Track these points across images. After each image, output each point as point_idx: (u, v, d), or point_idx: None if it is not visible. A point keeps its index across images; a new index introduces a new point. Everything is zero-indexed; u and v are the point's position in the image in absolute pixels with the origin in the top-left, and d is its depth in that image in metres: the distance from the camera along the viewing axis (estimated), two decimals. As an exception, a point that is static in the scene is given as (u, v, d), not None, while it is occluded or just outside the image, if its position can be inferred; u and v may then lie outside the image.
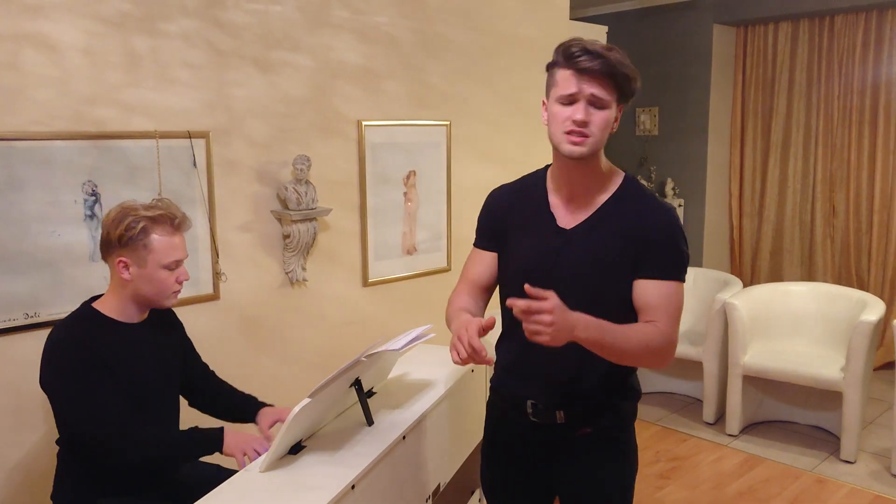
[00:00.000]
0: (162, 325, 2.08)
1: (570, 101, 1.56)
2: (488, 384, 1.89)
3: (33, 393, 2.33)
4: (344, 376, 1.71)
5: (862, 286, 5.23)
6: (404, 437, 1.82)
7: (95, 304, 1.96)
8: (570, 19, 4.23)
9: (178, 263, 1.95)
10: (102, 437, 1.83)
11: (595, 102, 1.56)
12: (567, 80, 1.56)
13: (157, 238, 1.89)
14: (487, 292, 1.85)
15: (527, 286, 1.44)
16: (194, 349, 2.24)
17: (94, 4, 2.40)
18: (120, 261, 1.90)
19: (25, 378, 2.33)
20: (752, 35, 5.69)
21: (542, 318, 1.41)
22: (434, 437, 2.01)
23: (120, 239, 1.88)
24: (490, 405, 1.89)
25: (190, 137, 2.65)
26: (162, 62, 2.57)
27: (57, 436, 1.98)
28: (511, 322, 1.75)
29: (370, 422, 1.84)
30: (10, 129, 2.26)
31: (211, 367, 2.29)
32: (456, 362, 1.55)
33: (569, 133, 1.56)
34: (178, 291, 2.00)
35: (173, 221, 1.93)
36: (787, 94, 5.56)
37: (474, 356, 1.53)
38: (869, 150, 5.21)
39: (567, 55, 1.57)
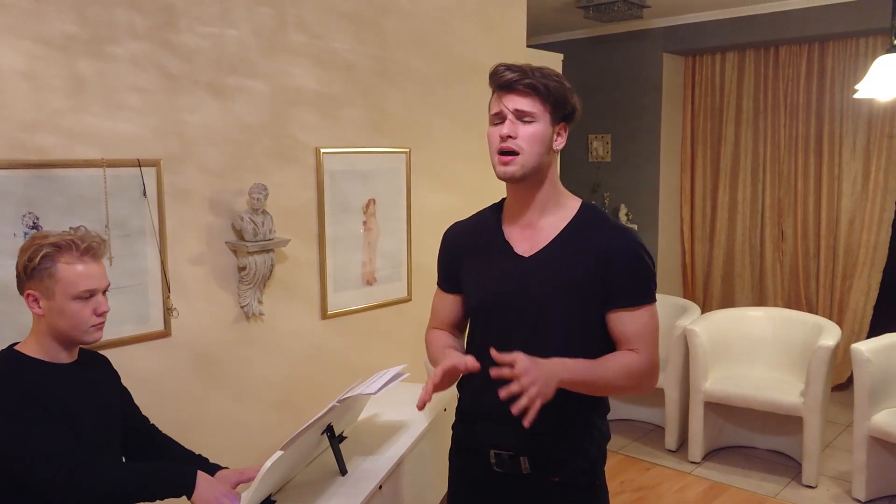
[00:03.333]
0: (96, 370, 1.90)
1: (498, 119, 1.56)
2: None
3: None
4: (317, 424, 1.59)
5: (811, 309, 5.33)
6: (380, 487, 1.71)
7: (17, 347, 1.79)
8: (527, 46, 4.22)
9: (91, 293, 1.76)
10: (54, 473, 1.64)
11: (522, 116, 1.54)
12: (494, 100, 1.57)
13: (63, 266, 1.72)
14: (462, 331, 1.79)
15: (493, 352, 1.39)
16: (133, 402, 2.05)
17: (36, 25, 2.25)
18: (29, 294, 1.74)
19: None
20: (701, 64, 5.81)
21: (523, 384, 1.36)
22: (410, 483, 1.90)
23: (25, 270, 1.72)
24: (452, 455, 1.79)
25: (140, 166, 2.50)
26: (109, 87, 2.43)
27: None
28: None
29: (343, 471, 1.73)
30: (-59, 157, 2.09)
31: (163, 411, 2.12)
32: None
33: (499, 153, 1.55)
34: (100, 325, 1.81)
35: (80, 247, 1.75)
36: (735, 122, 5.68)
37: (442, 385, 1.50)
38: (815, 177, 5.34)
39: (491, 75, 1.58)
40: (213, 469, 1.99)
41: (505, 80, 1.54)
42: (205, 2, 2.65)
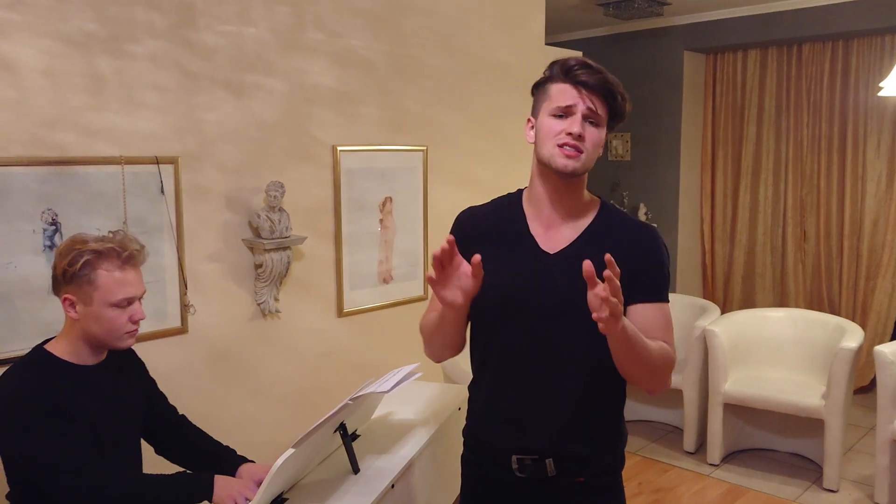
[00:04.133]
0: (121, 366, 1.91)
1: (566, 113, 1.51)
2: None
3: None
4: (329, 422, 1.59)
5: (833, 310, 5.25)
6: (393, 486, 1.70)
7: (48, 347, 1.80)
8: (546, 44, 4.20)
9: (129, 301, 1.77)
10: (75, 486, 1.66)
11: (590, 118, 1.51)
12: (564, 93, 1.52)
13: (103, 273, 1.72)
14: (464, 323, 1.72)
15: (586, 263, 1.31)
16: (158, 390, 2.07)
17: (56, 24, 2.27)
18: (66, 298, 1.74)
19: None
20: (722, 62, 5.75)
21: (611, 292, 1.30)
22: (423, 482, 1.89)
23: (64, 274, 1.72)
24: (465, 461, 1.73)
25: (157, 163, 2.52)
26: (128, 85, 2.44)
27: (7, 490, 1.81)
28: (485, 360, 1.64)
29: (356, 469, 1.72)
30: (-38, 154, 2.11)
31: (179, 407, 2.13)
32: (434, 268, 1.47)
33: (562, 146, 1.50)
34: (134, 332, 1.81)
35: (122, 255, 1.75)
36: (757, 121, 5.61)
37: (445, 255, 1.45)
38: (838, 177, 5.27)
39: (565, 69, 1.53)
40: (240, 461, 1.99)
41: (584, 78, 1.50)
42: (223, 0, 2.66)
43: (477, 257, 1.44)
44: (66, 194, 2.31)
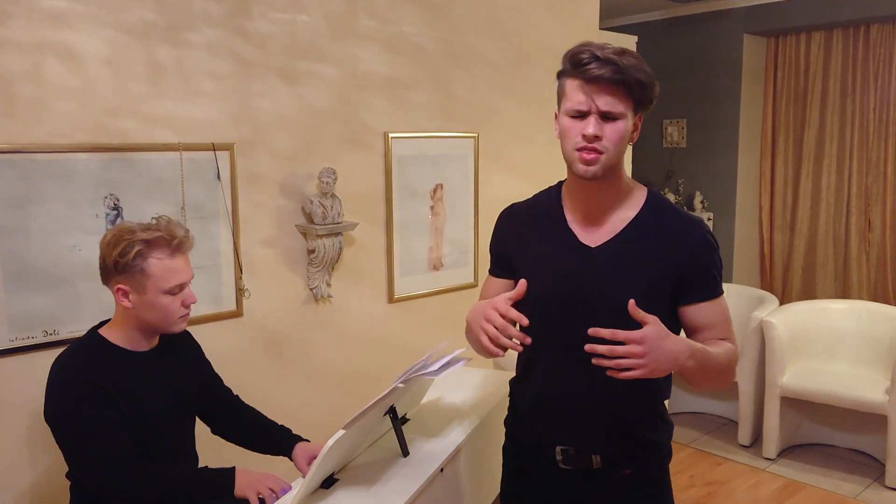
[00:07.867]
0: (174, 350, 1.95)
1: (580, 114, 1.44)
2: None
3: (51, 415, 2.25)
4: (379, 404, 1.60)
5: (899, 303, 5.06)
6: (442, 470, 1.71)
7: (102, 331, 1.84)
8: (600, 29, 4.13)
9: (181, 287, 1.80)
10: (103, 478, 1.72)
11: (608, 115, 1.43)
12: (576, 92, 1.44)
13: (155, 262, 1.75)
14: None
15: (631, 304, 1.36)
16: (214, 372, 2.11)
17: (117, 14, 2.33)
18: (119, 288, 1.77)
19: (42, 398, 2.25)
20: (784, 45, 5.57)
21: (632, 350, 1.31)
22: (472, 466, 1.90)
23: (116, 265, 1.74)
24: (507, 453, 1.73)
25: (214, 150, 2.57)
26: (186, 73, 2.50)
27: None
28: (529, 358, 1.62)
29: (405, 452, 1.74)
30: (30, 141, 2.19)
31: (234, 388, 2.18)
32: (487, 349, 1.44)
33: (580, 150, 1.44)
34: (186, 316, 1.86)
35: (171, 243, 1.78)
36: (821, 106, 5.42)
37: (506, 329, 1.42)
38: (907, 163, 5.06)
39: (575, 62, 1.43)
40: (295, 440, 2.04)
41: (595, 73, 1.41)
42: (277, -12, 2.69)
43: (523, 282, 1.44)
44: (128, 180, 2.38)
